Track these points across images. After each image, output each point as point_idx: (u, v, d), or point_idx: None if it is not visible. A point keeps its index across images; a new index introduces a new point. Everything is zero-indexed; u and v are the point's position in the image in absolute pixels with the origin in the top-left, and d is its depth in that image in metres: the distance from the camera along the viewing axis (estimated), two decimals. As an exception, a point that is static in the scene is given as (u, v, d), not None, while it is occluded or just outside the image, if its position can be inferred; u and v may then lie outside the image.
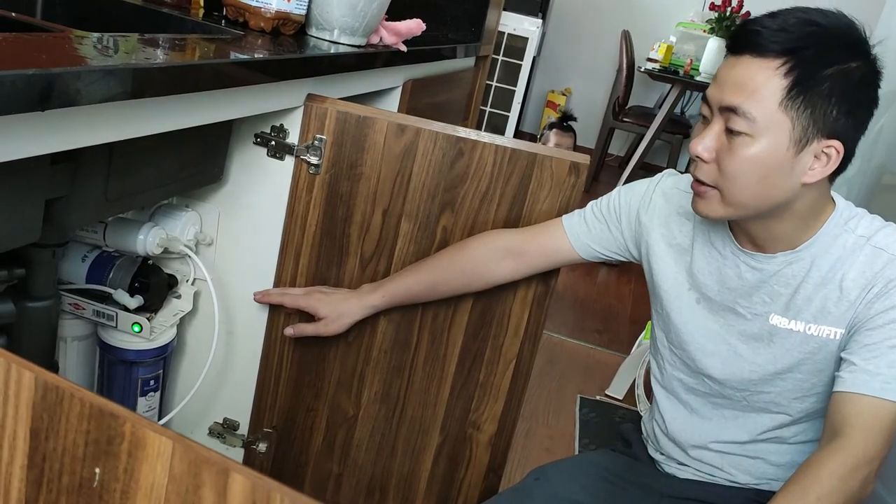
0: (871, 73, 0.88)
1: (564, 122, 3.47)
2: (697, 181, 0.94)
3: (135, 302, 1.16)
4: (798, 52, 0.85)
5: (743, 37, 0.88)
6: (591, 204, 1.17)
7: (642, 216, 1.11)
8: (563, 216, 1.16)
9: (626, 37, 4.56)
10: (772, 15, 0.89)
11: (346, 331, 1.24)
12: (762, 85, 0.86)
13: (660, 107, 4.53)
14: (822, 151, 0.88)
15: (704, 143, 0.91)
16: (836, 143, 0.88)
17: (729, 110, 0.88)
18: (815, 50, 0.85)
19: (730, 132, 0.89)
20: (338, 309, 1.22)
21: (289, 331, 1.25)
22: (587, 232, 1.14)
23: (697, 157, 0.92)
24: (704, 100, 0.93)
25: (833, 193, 0.98)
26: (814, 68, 0.85)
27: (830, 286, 0.95)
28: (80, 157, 0.87)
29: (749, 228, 0.98)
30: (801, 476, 0.88)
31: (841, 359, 0.94)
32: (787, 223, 0.95)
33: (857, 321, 0.93)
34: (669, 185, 1.11)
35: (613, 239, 1.14)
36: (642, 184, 1.14)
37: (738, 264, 1.01)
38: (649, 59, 4.47)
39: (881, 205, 1.99)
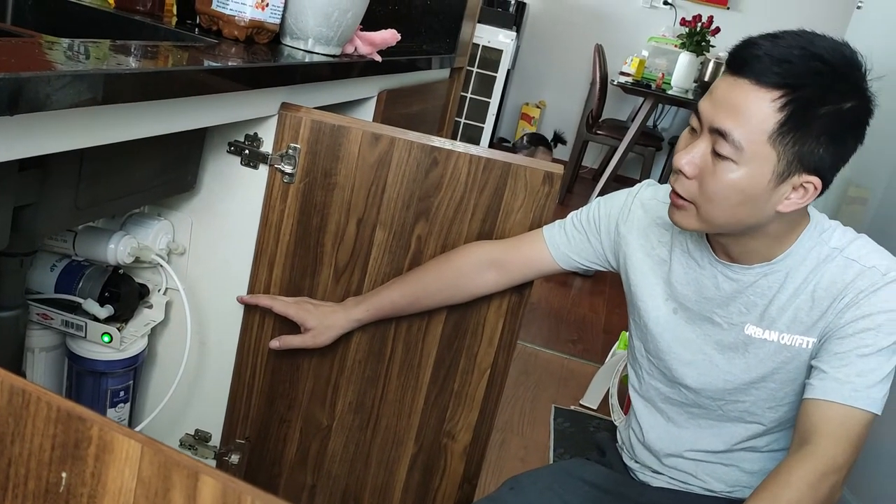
0: (863, 113, 0.87)
1: (554, 142, 3.52)
2: (675, 194, 0.94)
3: (105, 312, 1.14)
4: (797, 88, 0.84)
5: (744, 60, 0.86)
6: (571, 215, 1.18)
7: (621, 227, 1.12)
8: (544, 227, 1.17)
9: (600, 51, 4.61)
10: (774, 39, 0.86)
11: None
12: (755, 114, 0.85)
13: (632, 120, 4.58)
14: (802, 185, 0.89)
15: (689, 158, 0.91)
16: (816, 179, 0.88)
17: (718, 133, 0.87)
18: (814, 89, 0.84)
19: (716, 154, 0.88)
20: (325, 321, 1.21)
21: (274, 343, 1.24)
22: (567, 242, 1.15)
23: (680, 170, 0.92)
24: (696, 112, 0.92)
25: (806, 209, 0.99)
26: (809, 107, 0.84)
27: (803, 296, 0.96)
28: (50, 163, 0.86)
29: (724, 242, 0.99)
30: (772, 482, 0.89)
31: (811, 367, 0.96)
32: (760, 241, 0.96)
33: (828, 330, 0.94)
34: (648, 196, 1.12)
35: (593, 249, 1.15)
36: (621, 194, 1.15)
37: (715, 275, 1.02)
38: (622, 73, 4.53)
39: (847, 216, 2.02)
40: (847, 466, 0.89)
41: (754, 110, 0.85)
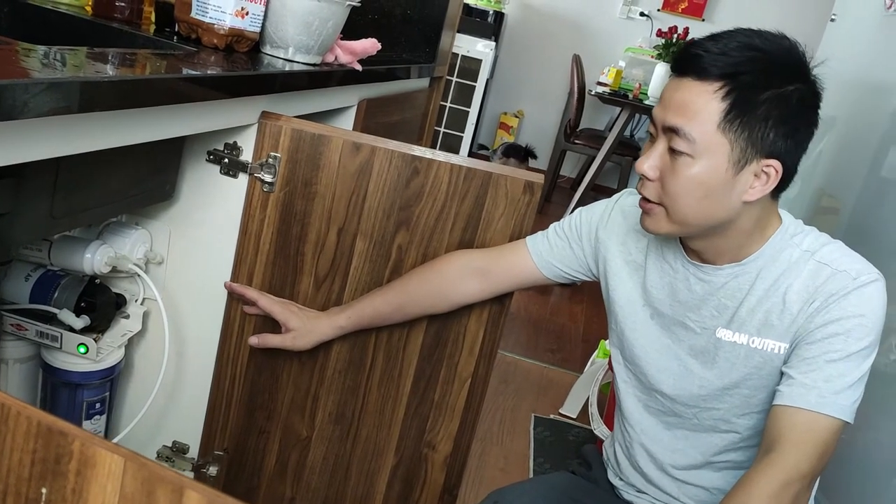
0: (810, 96, 0.90)
1: (524, 154, 3.55)
2: (644, 199, 0.97)
3: (81, 322, 1.12)
4: (737, 76, 0.87)
5: (685, 59, 0.91)
6: (553, 225, 1.19)
7: (601, 232, 1.13)
8: (527, 237, 1.18)
9: (577, 61, 4.64)
10: (714, 38, 0.91)
11: (299, 351, 1.22)
12: (702, 108, 0.88)
13: (610, 129, 4.62)
14: (762, 171, 0.91)
15: (650, 162, 0.94)
16: (775, 163, 0.90)
17: (671, 131, 0.91)
18: (753, 75, 0.88)
19: (673, 152, 0.91)
20: (308, 325, 1.21)
21: (253, 340, 1.23)
22: (550, 251, 1.16)
23: (643, 174, 0.95)
24: (651, 119, 0.96)
25: (781, 210, 1.00)
26: (751, 92, 0.87)
27: (774, 299, 0.97)
28: (25, 171, 0.85)
29: (697, 247, 1.00)
30: (734, 496, 0.89)
31: (782, 373, 0.96)
32: (731, 239, 0.97)
33: (799, 335, 0.95)
34: (629, 204, 1.13)
35: (575, 257, 1.15)
36: (602, 203, 1.17)
37: (687, 277, 1.03)
38: (599, 83, 4.56)
39: (820, 226, 2.04)
40: (812, 474, 0.89)
41: (700, 104, 0.89)
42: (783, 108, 0.88)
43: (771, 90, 0.88)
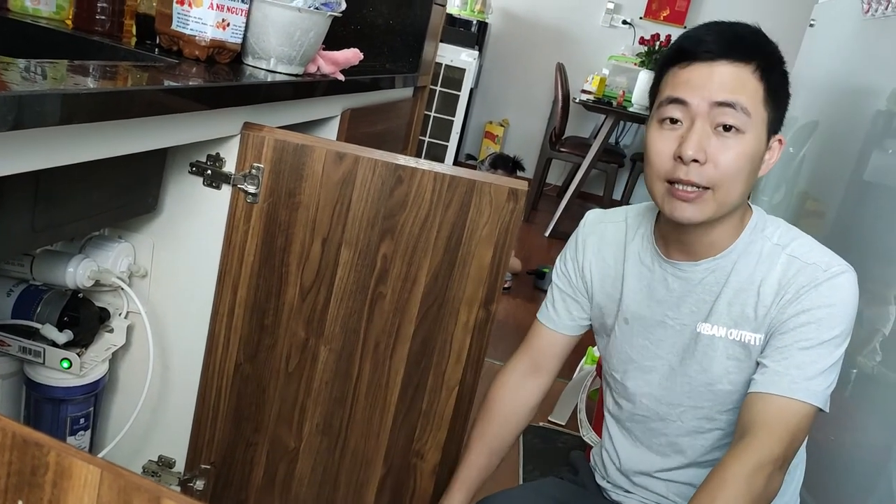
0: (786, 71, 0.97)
1: (511, 165, 3.55)
2: (692, 185, 0.93)
3: (64, 337, 1.12)
4: (761, 58, 0.92)
5: (712, 45, 0.92)
6: (545, 298, 1.21)
7: (581, 262, 1.15)
8: (537, 315, 1.21)
9: (561, 69, 4.67)
10: (714, 26, 0.94)
11: (285, 361, 1.22)
12: (746, 85, 0.91)
13: (595, 137, 4.64)
14: (773, 144, 0.97)
15: (697, 145, 0.91)
16: (780, 136, 0.97)
17: (725, 105, 0.90)
18: (769, 57, 0.93)
19: (722, 130, 0.91)
20: None
21: None
22: (560, 316, 1.17)
23: (694, 158, 0.91)
24: (677, 102, 0.93)
25: (748, 202, 1.03)
26: (774, 69, 0.93)
27: (749, 292, 0.98)
28: (4, 185, 0.84)
29: (688, 237, 1.00)
30: (709, 482, 0.90)
31: (757, 363, 0.98)
32: (722, 228, 0.99)
33: (772, 326, 0.97)
34: (594, 220, 1.16)
35: (580, 305, 1.17)
36: (569, 241, 1.19)
37: (665, 276, 1.04)
38: (584, 91, 4.60)
39: (805, 228, 2.06)
40: (784, 458, 0.90)
41: (743, 82, 0.91)
42: (786, 83, 0.95)
43: (779, 68, 0.94)
